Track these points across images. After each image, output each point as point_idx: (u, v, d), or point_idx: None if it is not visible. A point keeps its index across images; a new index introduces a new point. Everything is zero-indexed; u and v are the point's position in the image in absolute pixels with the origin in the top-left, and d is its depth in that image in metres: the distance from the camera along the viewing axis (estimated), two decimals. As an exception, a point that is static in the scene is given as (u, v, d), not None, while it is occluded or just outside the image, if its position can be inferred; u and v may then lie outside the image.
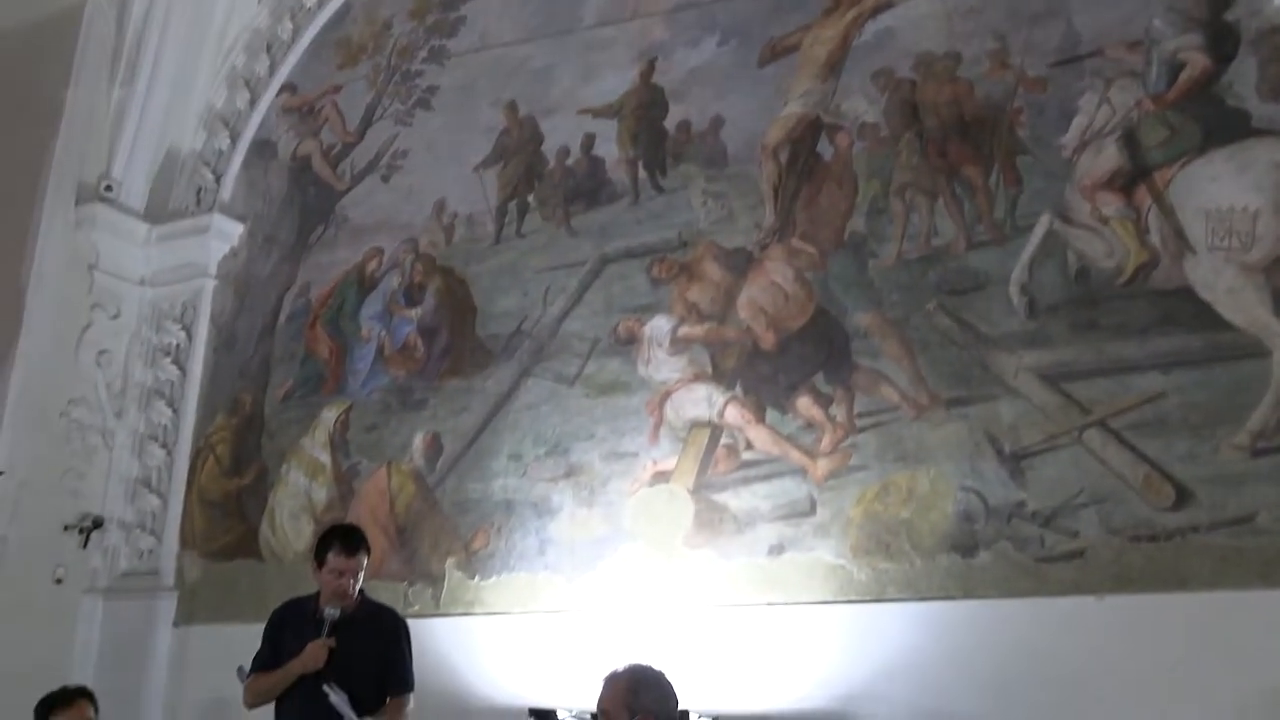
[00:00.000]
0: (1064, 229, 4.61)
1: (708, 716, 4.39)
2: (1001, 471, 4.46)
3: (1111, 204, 4.54)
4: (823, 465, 4.79)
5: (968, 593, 4.40)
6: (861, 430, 4.76)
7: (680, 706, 2.86)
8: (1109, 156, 4.60)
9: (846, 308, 4.95)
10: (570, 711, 4.63)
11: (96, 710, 3.80)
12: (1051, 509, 4.33)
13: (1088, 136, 4.66)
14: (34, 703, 3.93)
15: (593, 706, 4.24)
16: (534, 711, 4.69)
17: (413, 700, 3.70)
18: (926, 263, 4.85)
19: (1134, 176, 4.53)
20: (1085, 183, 4.62)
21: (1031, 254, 4.63)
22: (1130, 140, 4.58)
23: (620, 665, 2.81)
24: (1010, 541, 4.37)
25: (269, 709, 3.84)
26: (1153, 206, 4.48)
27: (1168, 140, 4.51)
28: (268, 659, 3.68)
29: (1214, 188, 4.35)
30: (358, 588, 3.73)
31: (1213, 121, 4.44)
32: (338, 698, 3.49)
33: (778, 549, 4.77)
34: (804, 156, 5.26)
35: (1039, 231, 4.64)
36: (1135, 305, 4.40)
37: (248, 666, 3.75)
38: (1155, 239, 4.44)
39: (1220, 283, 4.25)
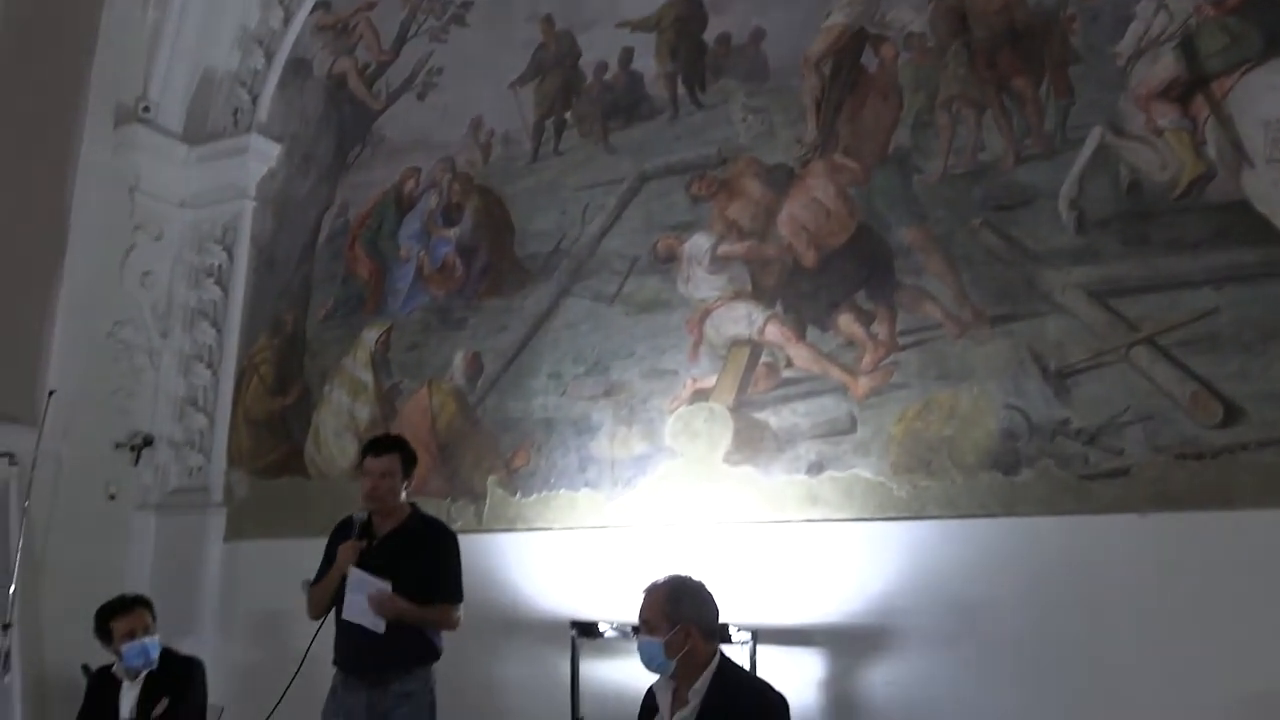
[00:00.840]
0: (1116, 141, 4.48)
1: (747, 630, 4.44)
2: (1046, 389, 4.41)
3: (1167, 114, 4.40)
4: (864, 383, 4.76)
5: (1009, 510, 4.39)
6: (903, 348, 4.71)
7: (719, 619, 2.87)
8: (1165, 65, 4.44)
9: (889, 224, 4.87)
10: (611, 624, 4.70)
11: (154, 617, 3.90)
12: (1096, 427, 4.28)
13: (1143, 44, 4.50)
14: (92, 613, 4.05)
15: (634, 619, 4.32)
16: (576, 624, 4.77)
17: (461, 611, 3.75)
18: (973, 177, 4.74)
19: (1191, 86, 4.38)
20: (1140, 93, 4.46)
21: (1082, 167, 4.51)
22: (1188, 48, 4.41)
23: (660, 576, 2.83)
24: (1053, 459, 4.34)
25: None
26: (1210, 117, 4.33)
27: (1227, 48, 4.34)
28: (323, 571, 3.76)
29: (1275, 97, 4.19)
30: (398, 494, 3.74)
31: (1275, 27, 4.26)
32: (357, 577, 3.51)
33: (817, 466, 4.78)
34: (847, 69, 5.13)
35: (1090, 144, 4.51)
36: (1189, 219, 4.29)
37: (311, 580, 3.82)
38: (1211, 151, 4.30)
39: (1278, 195, 4.12)
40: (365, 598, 3.50)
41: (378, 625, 3.48)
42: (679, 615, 2.72)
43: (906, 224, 4.82)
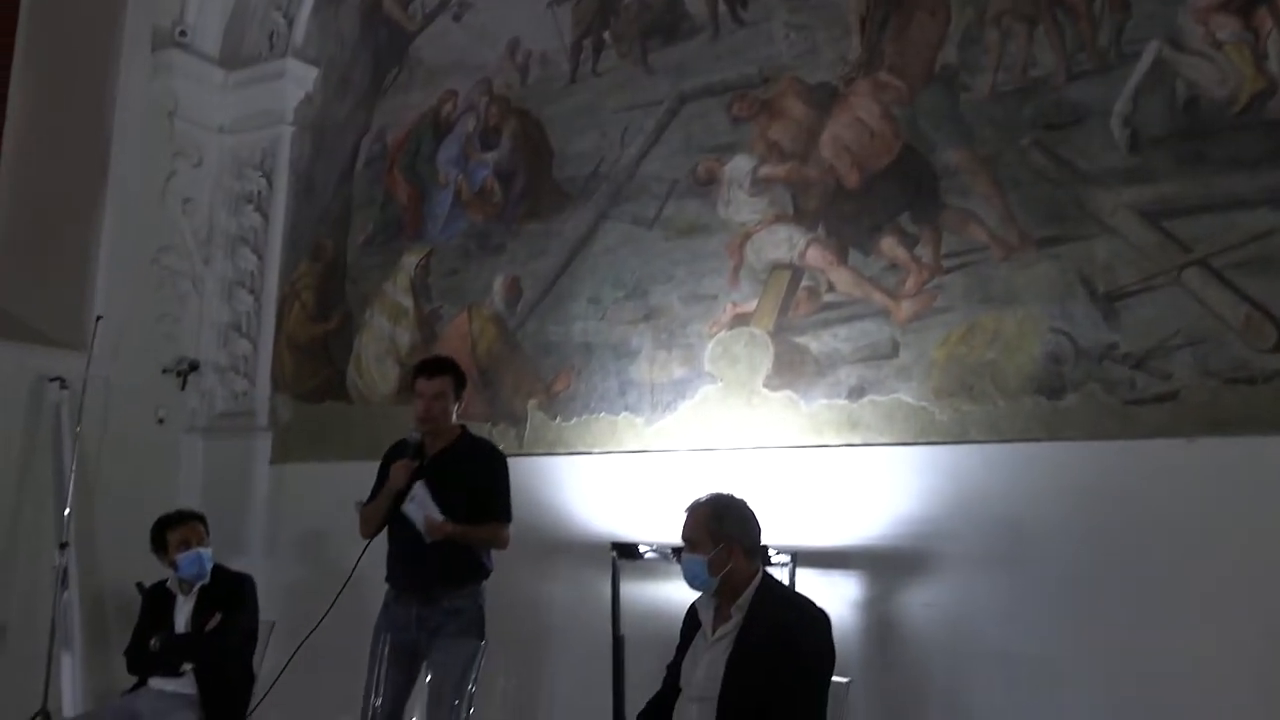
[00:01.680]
0: (1173, 55, 4.32)
1: (786, 552, 4.46)
2: (1093, 313, 4.33)
3: (1227, 27, 4.23)
4: (906, 307, 4.70)
5: (1052, 435, 4.35)
6: (947, 271, 4.64)
7: (761, 537, 2.88)
8: (1227, -25, 4.27)
9: (935, 145, 4.75)
10: (651, 546, 4.75)
11: (207, 531, 3.99)
12: (1144, 351, 4.21)
13: (1203, -46, 4.32)
14: (145, 533, 4.15)
15: (674, 541, 4.36)
16: (616, 545, 4.82)
17: (510, 530, 3.79)
18: (1022, 95, 4.61)
19: (1254, -3, 4.21)
20: (1199, 5, 4.28)
21: (1137, 84, 4.36)
22: (1251, -44, 4.23)
23: (702, 495, 2.84)
24: (1099, 384, 4.28)
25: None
26: (1273, 30, 4.15)
27: (1292, -44, 4.16)
28: (376, 491, 3.82)
29: (1342, 7, 4.03)
30: (450, 415, 3.77)
31: (1343, -66, 4.08)
32: (420, 496, 3.57)
33: (858, 391, 4.75)
34: (893, -17, 4.98)
35: (1146, 59, 4.35)
36: (1247, 137, 4.14)
37: (364, 500, 3.87)
38: (1273, 65, 4.13)
39: (1343, 111, 3.98)
40: (423, 516, 3.56)
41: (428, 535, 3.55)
42: (722, 533, 2.73)
43: (953, 144, 4.70)
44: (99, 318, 5.70)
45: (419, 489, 3.59)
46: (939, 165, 4.73)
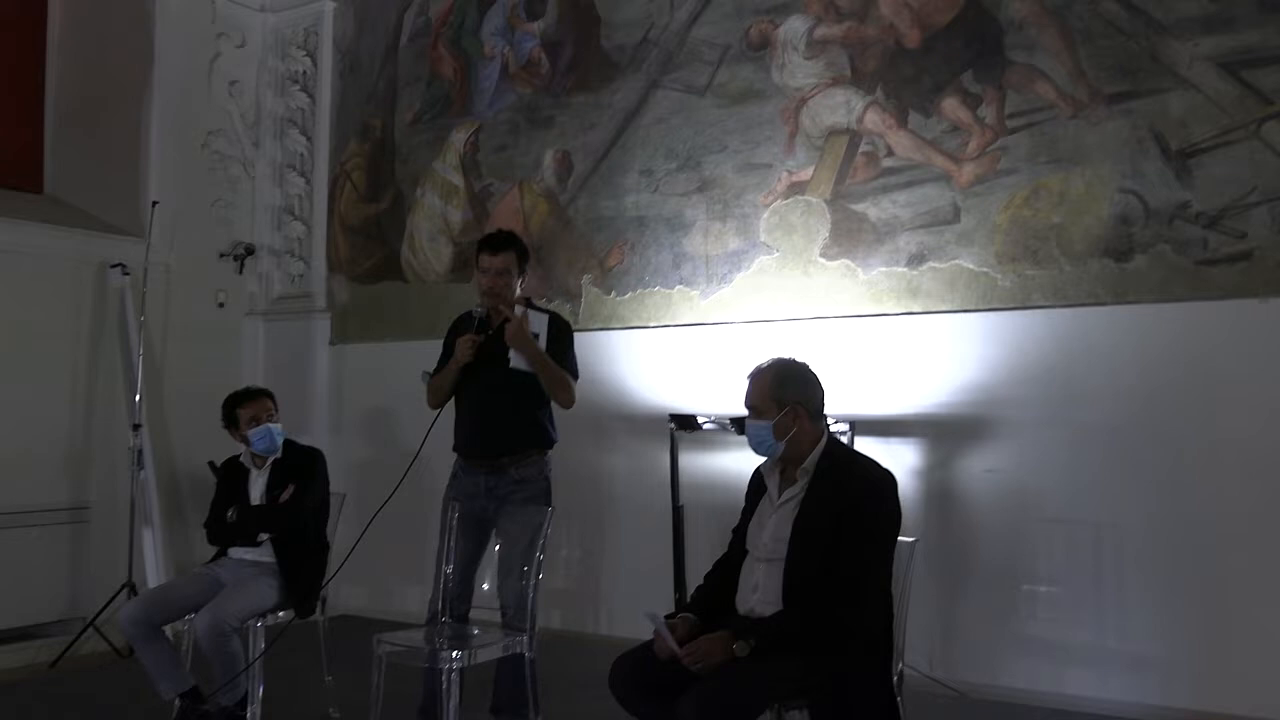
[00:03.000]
0: (1260, -110, 4.05)
1: (844, 421, 4.46)
2: (1165, 171, 4.18)
3: None
4: (968, 170, 4.57)
5: (1119, 298, 4.26)
6: (1012, 132, 4.49)
7: (824, 400, 2.86)
8: None
9: (1000, -3, 4.55)
10: (709, 417, 4.78)
11: (276, 407, 4.07)
12: (1218, 209, 4.07)
13: None
14: (210, 414, 4.25)
15: (731, 412, 4.38)
16: (674, 417, 4.85)
17: (575, 391, 3.81)
18: (1094, -60, 4.37)
19: None
20: None
21: (1218, -77, 4.11)
22: None
23: (764, 360, 2.82)
24: (1169, 244, 4.16)
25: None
26: None
27: None
28: (441, 363, 3.84)
29: None
30: (514, 289, 3.76)
31: None
32: (537, 320, 3.63)
33: (918, 258, 4.67)
34: None
35: (1229, -105, 4.09)
36: (1338, -23, 3.91)
37: (430, 371, 3.90)
38: (1370, -104, 3.87)
39: None
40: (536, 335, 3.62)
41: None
42: (786, 397, 2.71)
43: (1019, -4, 4.49)
44: (155, 203, 5.73)
45: (541, 319, 3.62)
46: (1004, 19, 4.53)
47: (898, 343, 4.68)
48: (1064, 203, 4.38)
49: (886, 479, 2.65)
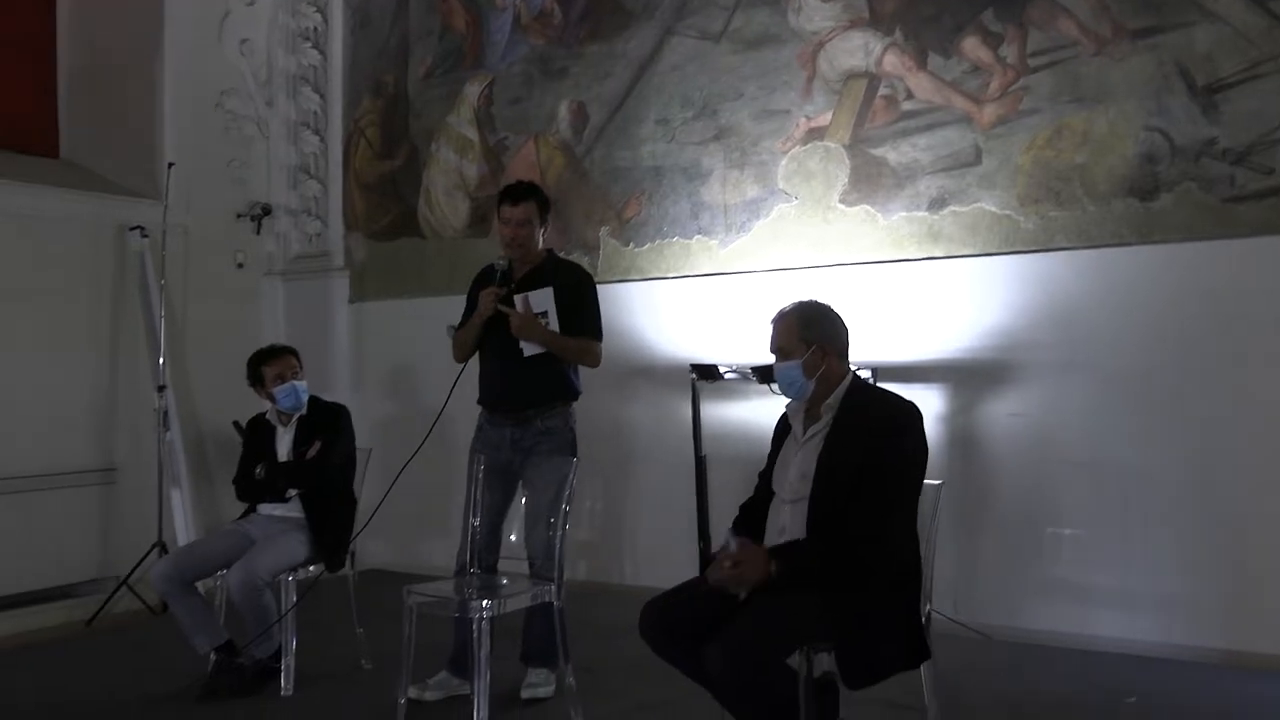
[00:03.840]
0: None
1: (866, 368, 4.44)
2: (1192, 107, 4.11)
3: None
4: (989, 111, 4.51)
5: (1144, 238, 4.21)
6: (1034, 71, 4.42)
7: (847, 364, 2.86)
8: None
9: (1022, -69, 4.45)
10: (730, 366, 4.77)
11: (300, 364, 4.09)
12: (1246, 145, 4.01)
13: None
14: (232, 374, 4.28)
15: (752, 361, 4.37)
16: (696, 367, 4.85)
17: (601, 348, 3.80)
18: None
19: None
20: None
21: None
22: None
23: (786, 304, 2.81)
24: (1196, 182, 4.10)
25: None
26: None
27: None
28: (466, 316, 3.83)
29: None
30: (536, 240, 3.74)
31: None
32: (538, 298, 3.60)
33: (939, 202, 4.62)
34: None
35: None
36: (1371, -99, 3.81)
37: (455, 325, 3.89)
38: None
39: None
40: (543, 311, 3.60)
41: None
42: (812, 336, 2.71)
43: (1041, -71, 4.39)
44: (171, 164, 5.72)
45: (545, 294, 3.60)
46: (1026, -46, 4.44)
47: (919, 288, 4.65)
48: (1087, 142, 4.31)
49: (911, 410, 2.66)
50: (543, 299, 3.66)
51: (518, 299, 3.65)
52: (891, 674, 2.60)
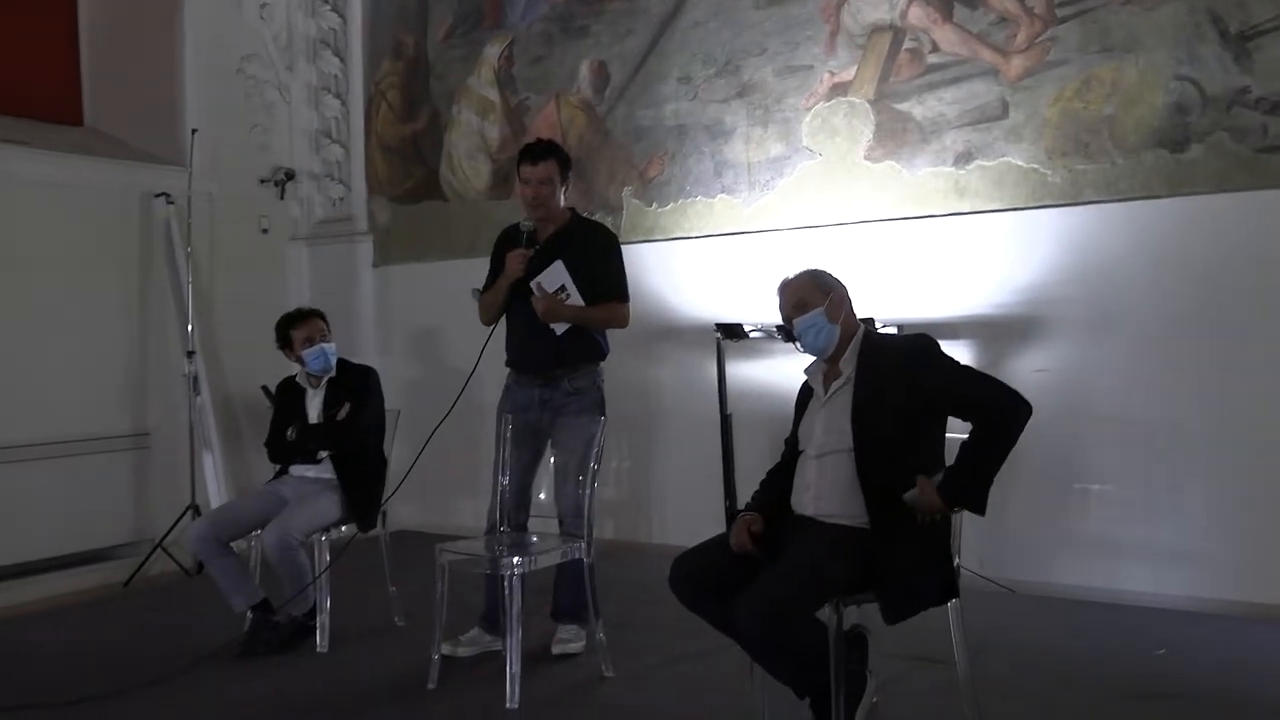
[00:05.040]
0: None
1: (891, 325, 4.44)
2: (1224, 55, 4.04)
3: None
4: (1017, 63, 4.45)
5: (1174, 190, 4.16)
6: (1062, 21, 4.35)
7: (864, 315, 2.89)
8: None
9: (1050, -124, 4.37)
10: (756, 325, 4.77)
11: (328, 327, 4.12)
12: (1279, 94, 3.94)
13: None
14: (259, 339, 4.31)
15: (775, 320, 4.36)
16: (720, 326, 4.84)
17: (629, 308, 3.81)
18: None
19: None
20: None
21: None
22: None
23: (786, 275, 2.84)
24: (1228, 133, 4.04)
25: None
26: None
27: None
28: (490, 278, 3.83)
29: None
30: (559, 199, 3.73)
31: None
32: (553, 276, 3.61)
33: (965, 157, 4.58)
34: None
35: None
36: None
37: (480, 288, 3.89)
38: None
39: None
40: (560, 285, 3.59)
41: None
42: (825, 285, 2.74)
43: (1069, -125, 4.31)
44: (194, 130, 5.74)
45: (557, 269, 3.58)
46: (1054, -99, 4.36)
47: (945, 244, 4.62)
48: (1116, 93, 4.26)
49: (929, 340, 2.69)
50: (556, 275, 3.63)
51: (533, 284, 3.63)
52: (925, 608, 2.62)
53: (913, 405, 2.60)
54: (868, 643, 2.86)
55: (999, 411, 2.57)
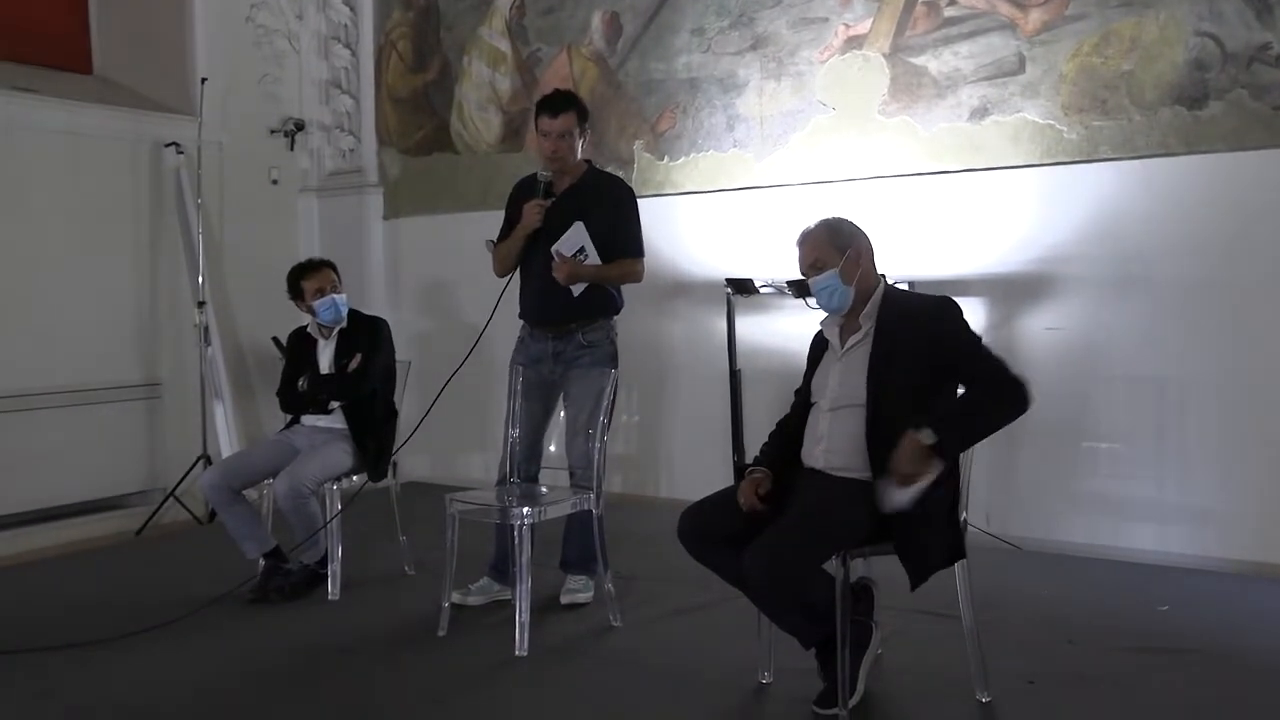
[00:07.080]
0: None
1: (903, 282, 4.42)
2: (1245, 10, 3.98)
3: None
4: (1034, 17, 4.39)
5: (1191, 148, 4.12)
6: (1082, -26, 4.29)
7: (878, 272, 2.87)
8: None
9: None
10: (766, 281, 4.76)
11: (339, 278, 4.12)
12: (1301, 50, 3.89)
13: None
14: (269, 290, 4.32)
15: (786, 275, 4.35)
16: (731, 282, 4.84)
17: (644, 264, 3.80)
18: None
19: None
20: None
21: None
22: None
23: (808, 223, 2.81)
24: (1247, 90, 3.99)
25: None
26: None
27: None
28: (505, 229, 3.82)
29: None
30: (576, 151, 3.71)
31: None
32: (573, 238, 3.59)
33: (981, 112, 4.53)
34: None
35: None
36: None
37: (494, 239, 3.88)
38: None
39: None
40: (579, 248, 3.57)
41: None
42: (843, 243, 2.72)
43: None
44: (204, 80, 5.70)
45: (578, 230, 3.56)
46: None
47: (960, 200, 4.59)
48: (1135, 48, 4.20)
49: (950, 301, 2.68)
50: (576, 238, 3.60)
51: (553, 250, 3.60)
52: (935, 571, 2.64)
53: (929, 366, 2.59)
54: (874, 595, 2.89)
55: (1000, 386, 2.58)
